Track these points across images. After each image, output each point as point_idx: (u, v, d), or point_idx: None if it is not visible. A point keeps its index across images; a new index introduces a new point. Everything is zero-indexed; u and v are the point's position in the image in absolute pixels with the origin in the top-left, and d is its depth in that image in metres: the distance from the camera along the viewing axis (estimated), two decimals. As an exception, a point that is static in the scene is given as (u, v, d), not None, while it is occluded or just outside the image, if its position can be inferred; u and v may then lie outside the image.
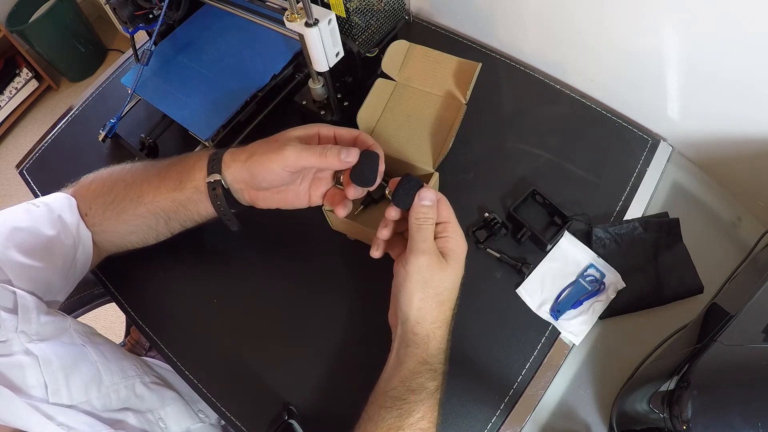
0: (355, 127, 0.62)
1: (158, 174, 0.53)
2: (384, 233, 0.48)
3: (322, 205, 0.54)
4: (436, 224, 0.46)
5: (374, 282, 0.52)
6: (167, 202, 0.52)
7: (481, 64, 0.63)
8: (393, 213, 0.47)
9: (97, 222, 0.55)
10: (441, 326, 0.45)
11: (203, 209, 0.53)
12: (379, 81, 0.65)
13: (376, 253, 0.49)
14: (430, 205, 0.45)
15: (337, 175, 0.52)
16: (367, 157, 0.46)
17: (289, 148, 0.46)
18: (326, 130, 0.49)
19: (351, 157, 0.45)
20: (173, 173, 0.52)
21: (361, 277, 0.60)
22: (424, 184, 0.46)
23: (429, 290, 0.44)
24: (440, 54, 0.66)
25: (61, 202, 0.54)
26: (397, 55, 0.67)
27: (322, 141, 0.49)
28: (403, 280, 0.44)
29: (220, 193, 0.50)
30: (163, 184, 0.52)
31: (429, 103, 0.64)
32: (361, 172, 0.46)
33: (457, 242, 0.45)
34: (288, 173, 0.47)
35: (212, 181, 0.49)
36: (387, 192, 0.48)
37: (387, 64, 0.66)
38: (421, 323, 0.44)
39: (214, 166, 0.50)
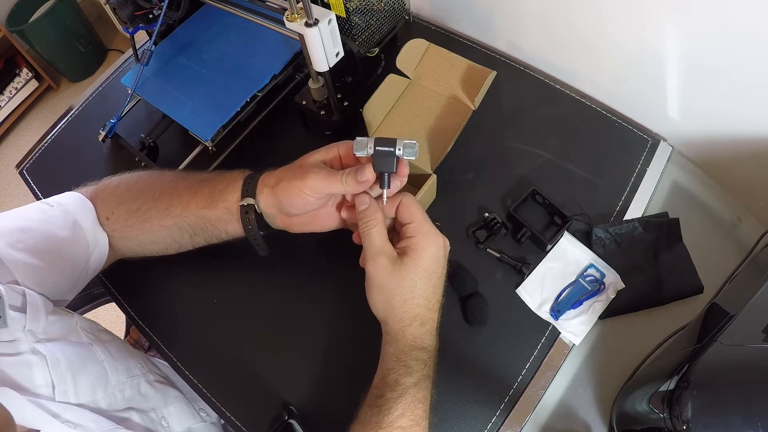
0: (360, 121, 0.62)
1: (189, 188, 0.53)
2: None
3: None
4: (403, 225, 0.46)
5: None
6: (196, 218, 0.52)
7: (495, 73, 0.62)
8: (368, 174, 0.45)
9: (118, 228, 0.54)
10: (410, 323, 0.44)
11: (232, 229, 0.52)
12: (391, 77, 0.65)
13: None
14: (365, 207, 0.46)
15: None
16: (382, 144, 0.44)
17: (312, 176, 0.45)
18: (344, 147, 0.48)
19: (366, 176, 0.44)
20: (206, 190, 0.52)
21: (362, 278, 0.59)
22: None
23: (387, 292, 0.44)
24: (457, 57, 0.65)
25: (77, 204, 0.54)
26: (413, 52, 0.66)
27: (343, 159, 0.49)
28: (366, 286, 0.46)
29: (253, 218, 0.49)
30: (193, 200, 0.52)
31: (437, 105, 0.64)
32: (382, 159, 0.44)
33: (419, 240, 0.45)
34: (314, 199, 0.46)
35: (245, 204, 0.49)
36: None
37: (402, 61, 0.65)
38: (388, 323, 0.46)
39: (249, 189, 0.49)
